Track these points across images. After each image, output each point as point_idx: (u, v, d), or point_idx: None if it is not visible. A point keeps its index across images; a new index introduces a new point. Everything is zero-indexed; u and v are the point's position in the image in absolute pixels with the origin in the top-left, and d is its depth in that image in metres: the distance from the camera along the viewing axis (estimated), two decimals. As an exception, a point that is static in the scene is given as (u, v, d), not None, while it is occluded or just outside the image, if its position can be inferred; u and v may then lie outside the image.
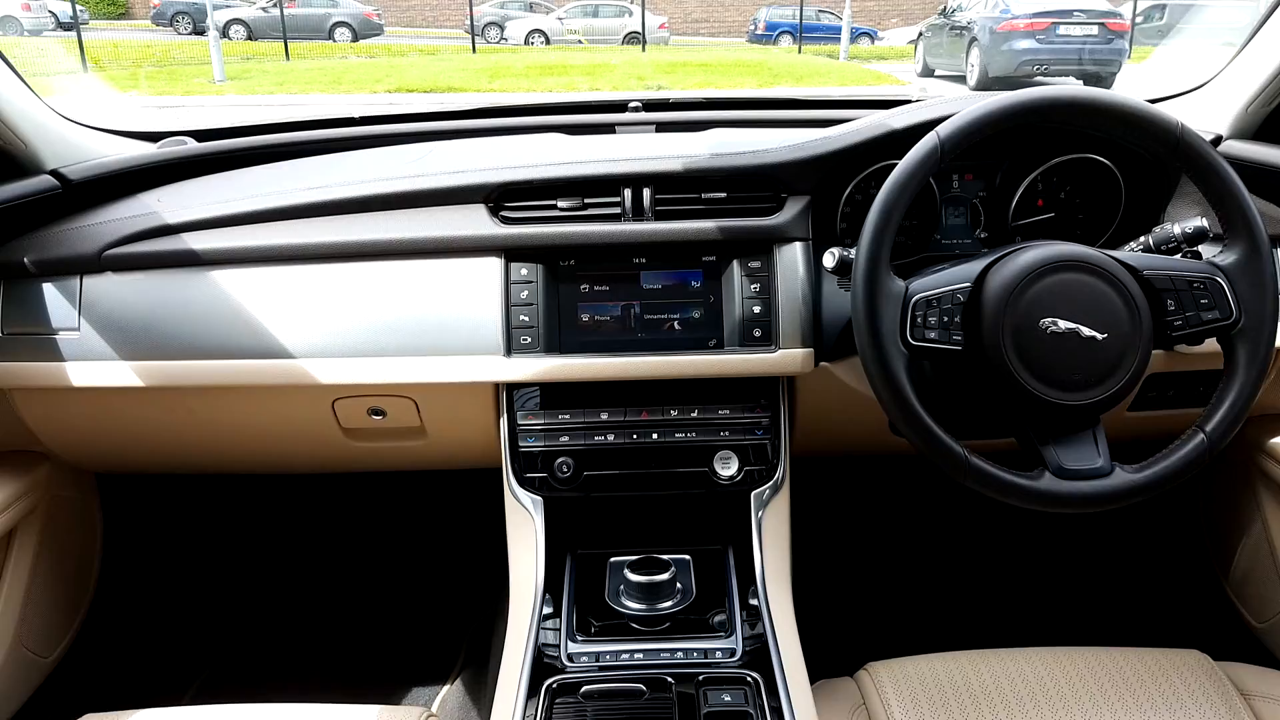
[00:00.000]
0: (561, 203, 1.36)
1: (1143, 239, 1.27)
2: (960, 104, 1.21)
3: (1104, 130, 1.16)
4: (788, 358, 1.33)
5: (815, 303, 1.34)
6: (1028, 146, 1.44)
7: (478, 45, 18.94)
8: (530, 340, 1.33)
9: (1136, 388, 1.14)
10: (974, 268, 1.15)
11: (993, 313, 1.10)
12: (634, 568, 1.28)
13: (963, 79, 13.37)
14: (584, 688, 1.13)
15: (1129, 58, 12.86)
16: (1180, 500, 1.99)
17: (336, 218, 1.39)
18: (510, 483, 1.38)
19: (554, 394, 1.38)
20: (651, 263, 1.36)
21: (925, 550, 2.24)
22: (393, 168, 1.46)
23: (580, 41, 20.85)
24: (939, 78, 14.59)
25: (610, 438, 1.37)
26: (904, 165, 1.12)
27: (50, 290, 1.37)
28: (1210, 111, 1.60)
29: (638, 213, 1.36)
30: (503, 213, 1.37)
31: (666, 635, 1.24)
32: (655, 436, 1.37)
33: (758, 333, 1.33)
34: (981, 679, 1.19)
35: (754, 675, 1.15)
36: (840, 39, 18.67)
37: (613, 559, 1.35)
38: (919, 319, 1.11)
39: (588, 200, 1.37)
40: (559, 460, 1.36)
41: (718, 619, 1.27)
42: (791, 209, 1.36)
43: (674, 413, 1.37)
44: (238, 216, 1.39)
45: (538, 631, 1.24)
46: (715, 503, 1.39)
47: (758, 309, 1.33)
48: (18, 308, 1.37)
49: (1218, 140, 1.57)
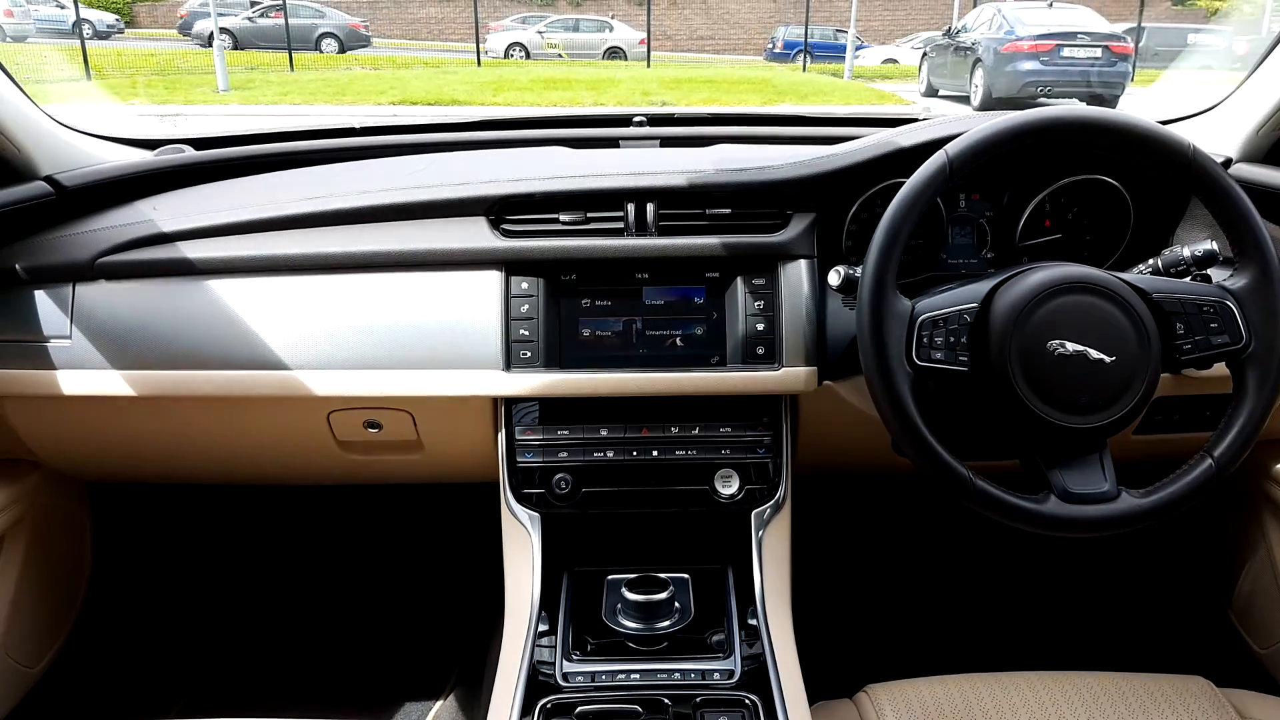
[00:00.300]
0: (564, 216, 1.35)
1: (1151, 261, 1.26)
2: (969, 123, 1.20)
3: (1115, 151, 1.15)
4: (791, 376, 1.32)
5: (819, 321, 1.33)
6: (1036, 167, 1.43)
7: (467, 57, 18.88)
8: (530, 355, 1.31)
9: (1144, 411, 1.12)
10: (981, 288, 1.13)
11: (1000, 334, 1.09)
12: (632, 586, 1.26)
13: (967, 99, 13.46)
14: (579, 708, 1.11)
15: (1132, 81, 12.93)
16: (1185, 525, 1.97)
17: (335, 228, 1.38)
18: (507, 498, 1.36)
19: (553, 409, 1.36)
20: (654, 278, 1.35)
21: (927, 571, 2.22)
22: (393, 179, 1.45)
23: (560, 56, 20.79)
24: (943, 98, 14.66)
25: (610, 454, 1.35)
26: (912, 183, 1.11)
27: (42, 297, 1.36)
28: (1220, 134, 1.60)
29: (641, 228, 1.35)
30: (504, 226, 1.36)
31: (664, 655, 1.22)
32: (655, 454, 1.36)
33: (761, 350, 1.32)
34: (982, 702, 1.17)
35: (752, 697, 1.13)
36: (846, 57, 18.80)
37: (610, 577, 1.33)
38: (925, 339, 1.09)
39: (590, 214, 1.36)
40: (557, 476, 1.35)
41: (716, 639, 1.25)
42: (796, 226, 1.35)
43: (675, 430, 1.36)
44: (234, 225, 1.38)
45: (533, 649, 1.22)
46: (715, 521, 1.37)
47: (761, 326, 1.32)
48: (9, 314, 1.36)
49: (1228, 163, 1.56)
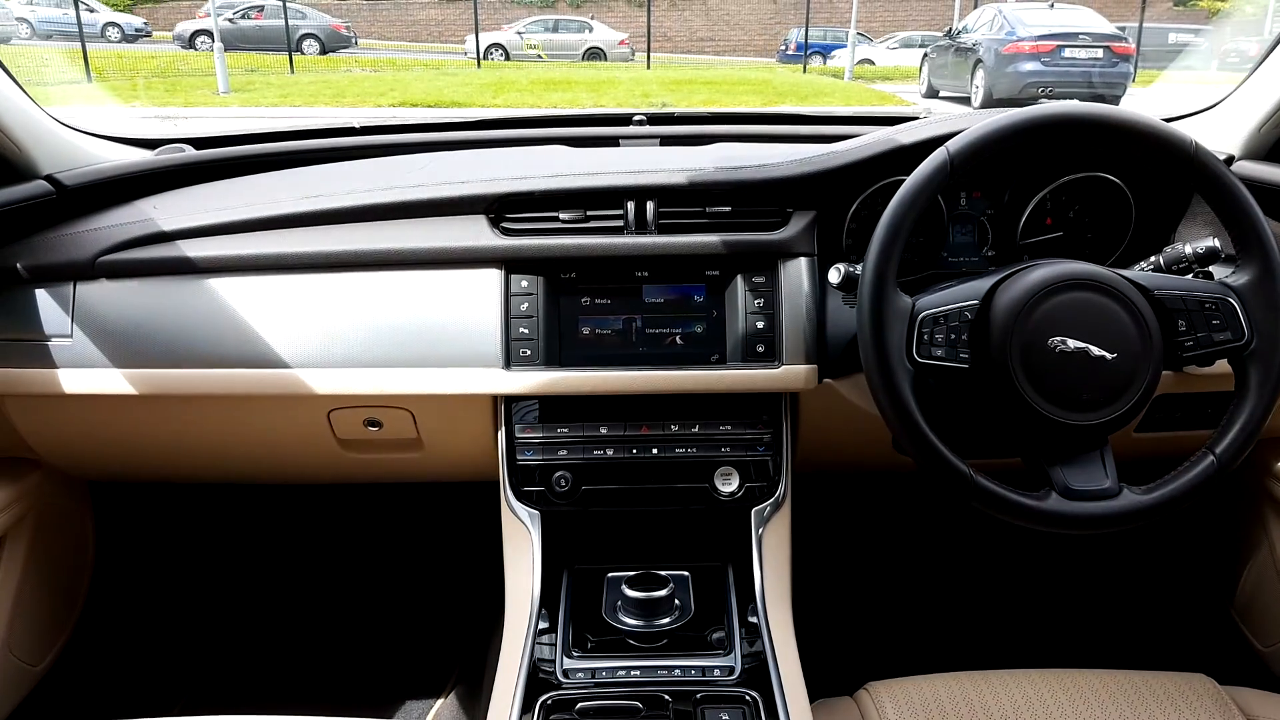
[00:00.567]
0: (563, 215, 1.35)
1: (1153, 258, 1.26)
2: (970, 120, 1.20)
3: (1116, 147, 1.15)
4: (791, 374, 1.31)
5: (819, 319, 1.33)
6: (1037, 164, 1.43)
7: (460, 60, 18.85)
8: (530, 353, 1.31)
9: (1145, 408, 1.12)
10: (982, 285, 1.13)
11: (1001, 331, 1.08)
12: (632, 583, 1.26)
13: (967, 100, 13.44)
14: (579, 704, 1.11)
15: (1133, 81, 12.92)
16: (1187, 523, 1.97)
17: (335, 226, 1.38)
18: (507, 496, 1.36)
19: (553, 407, 1.36)
20: (654, 276, 1.34)
21: (928, 569, 2.22)
22: (393, 177, 1.44)
23: (540, 57, 20.68)
24: (944, 98, 14.66)
25: (610, 452, 1.35)
26: (913, 180, 1.11)
27: (43, 296, 1.36)
28: (1222, 132, 1.59)
29: (641, 226, 1.35)
30: (504, 224, 1.36)
31: (664, 652, 1.22)
32: (655, 451, 1.36)
33: (761, 348, 1.32)
34: (984, 700, 1.17)
35: (752, 694, 1.13)
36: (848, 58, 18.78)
37: (610, 574, 1.33)
38: (925, 336, 1.09)
39: (590, 212, 1.35)
40: (557, 474, 1.35)
41: (716, 636, 1.25)
42: (797, 224, 1.35)
43: (675, 428, 1.36)
44: (235, 224, 1.38)
45: (533, 647, 1.22)
46: (715, 519, 1.37)
47: (761, 324, 1.32)
48: (10, 313, 1.36)
49: (1230, 160, 1.56)
